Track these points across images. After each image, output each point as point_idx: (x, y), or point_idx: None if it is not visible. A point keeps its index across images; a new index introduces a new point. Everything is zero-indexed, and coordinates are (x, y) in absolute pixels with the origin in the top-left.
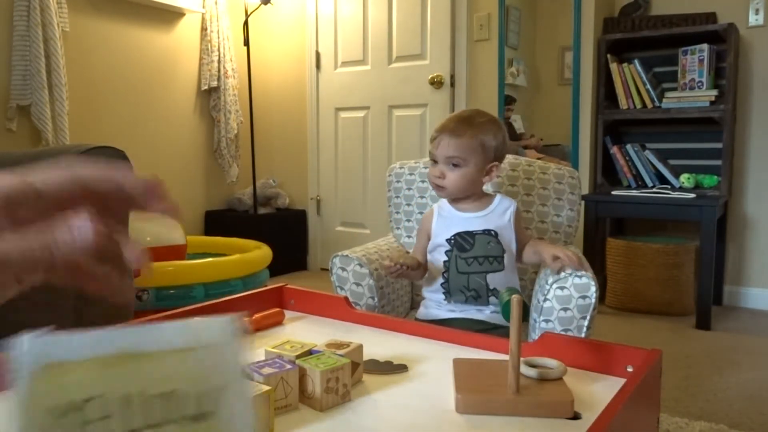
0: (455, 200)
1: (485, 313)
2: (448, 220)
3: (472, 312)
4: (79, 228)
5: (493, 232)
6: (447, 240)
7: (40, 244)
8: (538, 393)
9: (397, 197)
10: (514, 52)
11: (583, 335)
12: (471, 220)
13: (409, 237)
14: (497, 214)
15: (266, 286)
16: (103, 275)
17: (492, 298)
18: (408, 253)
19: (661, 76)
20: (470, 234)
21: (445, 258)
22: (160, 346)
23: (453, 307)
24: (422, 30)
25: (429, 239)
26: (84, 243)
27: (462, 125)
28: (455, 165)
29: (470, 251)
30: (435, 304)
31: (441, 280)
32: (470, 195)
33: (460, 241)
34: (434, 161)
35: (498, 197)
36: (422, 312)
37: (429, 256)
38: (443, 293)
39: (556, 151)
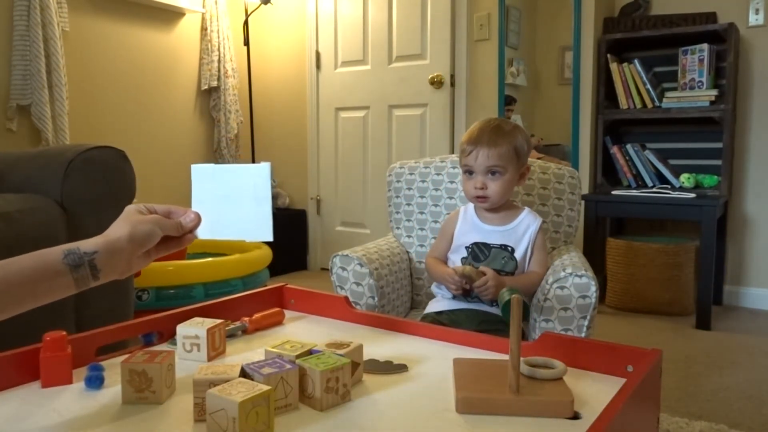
0: (483, 210)
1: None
2: (469, 226)
3: (484, 305)
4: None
5: (509, 248)
6: (465, 246)
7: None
8: (538, 393)
9: (398, 197)
10: (514, 52)
11: (583, 335)
12: (490, 233)
13: (409, 237)
14: (518, 231)
15: (266, 286)
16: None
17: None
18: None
19: (661, 76)
20: (487, 246)
21: (460, 264)
22: None
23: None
24: (422, 30)
25: (451, 242)
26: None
27: (495, 135)
28: (494, 174)
29: (484, 263)
30: (445, 299)
31: None
32: (503, 204)
33: (476, 251)
34: (469, 173)
35: (524, 213)
36: (431, 306)
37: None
38: (452, 296)
39: (556, 151)
